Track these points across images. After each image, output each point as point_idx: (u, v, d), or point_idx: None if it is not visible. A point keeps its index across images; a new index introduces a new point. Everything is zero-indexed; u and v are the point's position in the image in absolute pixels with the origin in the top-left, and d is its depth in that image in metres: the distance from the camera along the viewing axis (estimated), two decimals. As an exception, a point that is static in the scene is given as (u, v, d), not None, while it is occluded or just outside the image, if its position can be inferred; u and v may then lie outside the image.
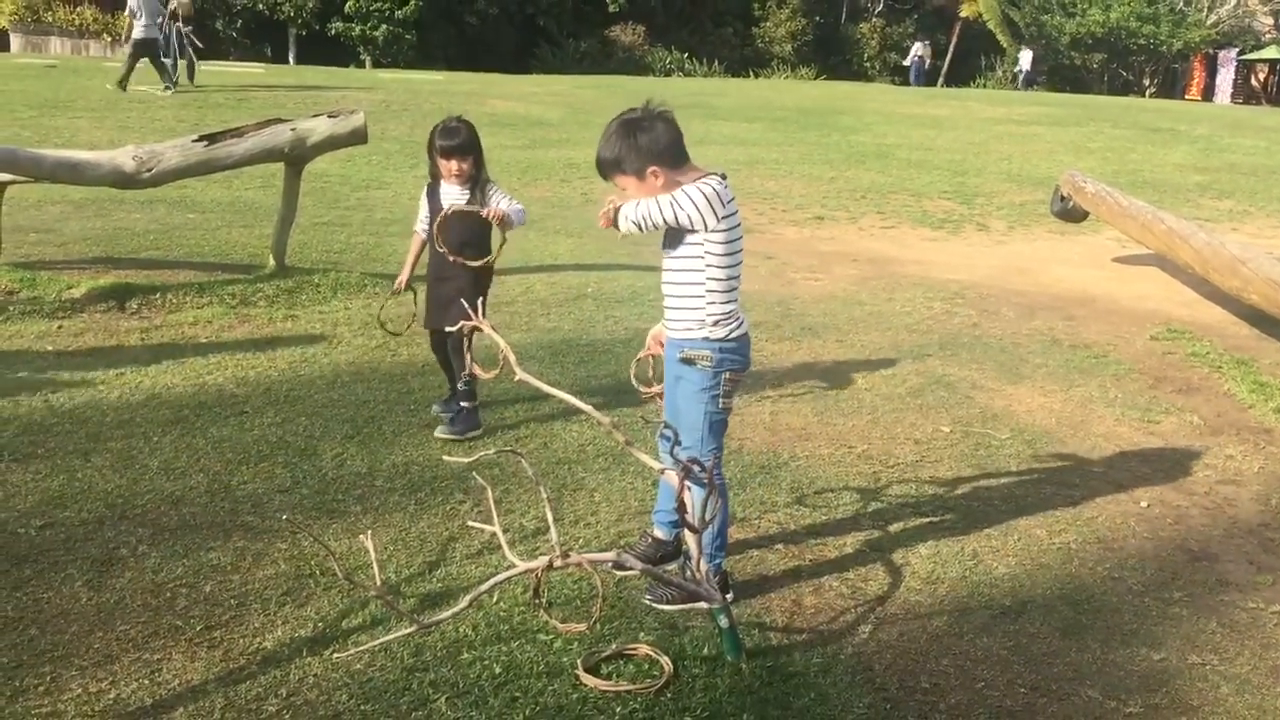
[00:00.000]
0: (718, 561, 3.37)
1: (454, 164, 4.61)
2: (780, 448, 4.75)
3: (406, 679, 2.92)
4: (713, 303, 3.25)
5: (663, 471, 3.23)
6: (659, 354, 3.54)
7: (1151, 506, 4.39)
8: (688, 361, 3.30)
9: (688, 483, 3.05)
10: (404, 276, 4.96)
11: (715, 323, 3.26)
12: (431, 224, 4.63)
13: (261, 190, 10.44)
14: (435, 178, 4.75)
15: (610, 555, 3.13)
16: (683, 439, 3.20)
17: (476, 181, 4.70)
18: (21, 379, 5.10)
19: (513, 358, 3.53)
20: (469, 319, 4.26)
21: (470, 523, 3.74)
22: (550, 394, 3.46)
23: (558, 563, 2.94)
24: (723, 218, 3.17)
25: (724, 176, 3.26)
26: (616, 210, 3.23)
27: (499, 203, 4.65)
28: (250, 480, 4.14)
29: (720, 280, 3.24)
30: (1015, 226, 11.21)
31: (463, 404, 4.76)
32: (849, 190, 12.78)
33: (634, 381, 3.73)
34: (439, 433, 4.69)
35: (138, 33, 16.87)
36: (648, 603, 3.34)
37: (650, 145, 3.20)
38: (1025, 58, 40.72)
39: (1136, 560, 3.89)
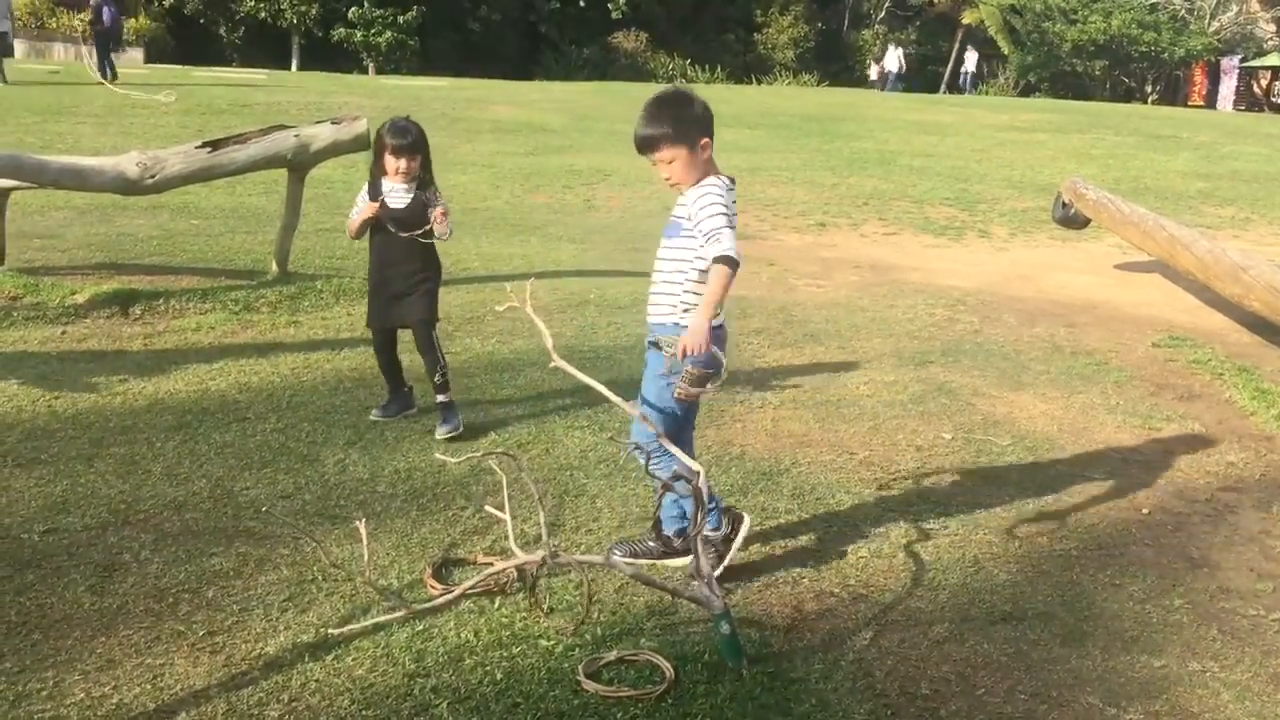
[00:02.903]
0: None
1: (403, 162, 4.58)
2: (782, 454, 4.75)
3: (408, 684, 2.93)
4: (689, 291, 3.33)
5: (685, 472, 3.24)
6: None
7: (1152, 513, 4.39)
8: (655, 345, 3.40)
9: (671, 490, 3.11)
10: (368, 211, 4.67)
11: (686, 309, 3.32)
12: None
13: (264, 196, 10.46)
14: (376, 177, 4.70)
15: (599, 558, 3.15)
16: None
17: (421, 184, 4.69)
18: (25, 384, 5.12)
19: (549, 342, 3.59)
20: (424, 315, 4.36)
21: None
22: (585, 383, 3.51)
23: (550, 560, 2.97)
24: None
25: (732, 181, 3.40)
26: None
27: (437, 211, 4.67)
28: (253, 486, 4.15)
29: (702, 270, 3.30)
30: (1017, 233, 11.22)
31: (440, 398, 4.77)
32: (851, 197, 12.79)
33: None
34: (439, 434, 4.70)
35: None
36: (616, 559, 3.30)
37: (703, 115, 3.31)
38: (971, 59, 40.97)
39: (1137, 567, 3.89)
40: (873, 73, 41.43)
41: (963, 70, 41.61)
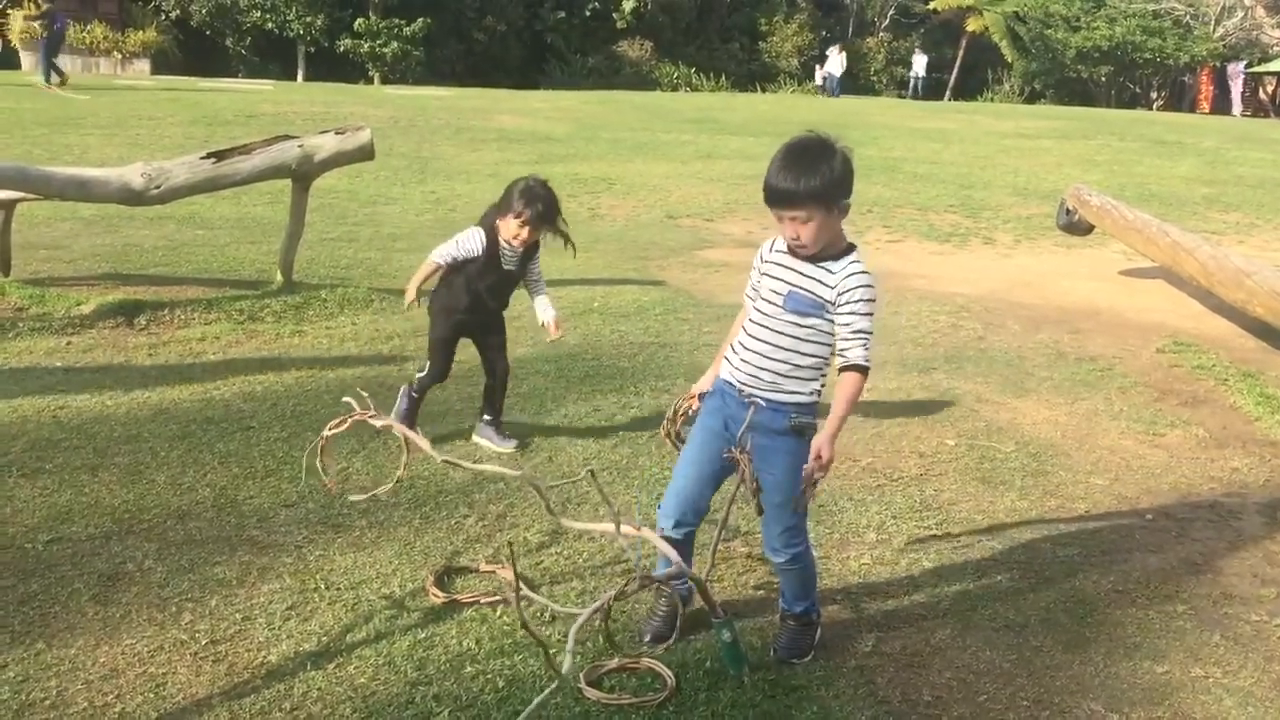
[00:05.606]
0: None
1: (526, 232, 4.57)
2: (784, 461, 4.74)
3: (410, 692, 2.94)
4: (824, 375, 3.16)
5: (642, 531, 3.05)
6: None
7: (1156, 519, 4.39)
8: (796, 431, 3.19)
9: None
10: (413, 291, 4.64)
11: (814, 394, 3.16)
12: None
13: (269, 206, 10.49)
14: (493, 230, 4.60)
15: (685, 577, 2.99)
16: None
17: (532, 254, 4.77)
18: (30, 394, 5.14)
19: (426, 445, 3.20)
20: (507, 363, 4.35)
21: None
22: (474, 470, 3.25)
23: (630, 588, 2.85)
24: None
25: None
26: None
27: (539, 293, 4.85)
28: (256, 495, 4.16)
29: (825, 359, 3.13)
30: (1021, 240, 11.22)
31: (502, 418, 4.89)
32: (855, 204, 12.67)
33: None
34: (506, 448, 4.71)
35: None
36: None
37: (849, 171, 2.98)
38: (919, 62, 40.36)
39: (1140, 573, 3.89)
40: (817, 77, 38.91)
41: (911, 74, 40.95)
